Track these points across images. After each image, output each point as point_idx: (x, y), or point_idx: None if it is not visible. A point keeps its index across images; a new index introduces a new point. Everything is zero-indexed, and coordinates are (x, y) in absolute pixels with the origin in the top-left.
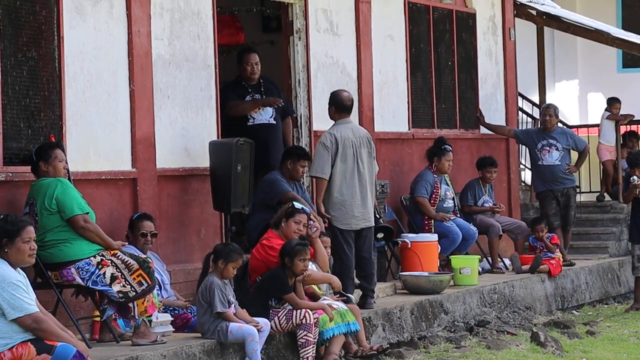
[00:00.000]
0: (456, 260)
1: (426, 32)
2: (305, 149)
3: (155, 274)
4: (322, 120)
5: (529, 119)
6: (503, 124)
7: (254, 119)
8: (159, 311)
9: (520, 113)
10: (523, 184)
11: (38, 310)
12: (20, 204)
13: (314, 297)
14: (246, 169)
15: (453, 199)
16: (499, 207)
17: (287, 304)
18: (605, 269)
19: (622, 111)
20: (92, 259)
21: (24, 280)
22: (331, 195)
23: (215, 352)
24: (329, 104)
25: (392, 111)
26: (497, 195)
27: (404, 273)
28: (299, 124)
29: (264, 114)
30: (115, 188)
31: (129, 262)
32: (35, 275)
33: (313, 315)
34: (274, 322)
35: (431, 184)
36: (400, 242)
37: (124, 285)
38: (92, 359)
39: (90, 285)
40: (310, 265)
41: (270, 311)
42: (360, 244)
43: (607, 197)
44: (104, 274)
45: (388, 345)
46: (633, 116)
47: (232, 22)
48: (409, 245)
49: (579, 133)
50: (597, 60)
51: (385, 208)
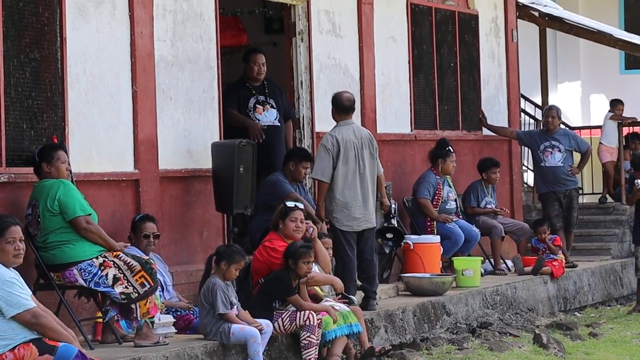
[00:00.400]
0: (458, 262)
1: (428, 34)
2: (307, 151)
3: (158, 276)
4: (325, 122)
5: (532, 121)
6: (505, 125)
7: (259, 120)
8: (161, 312)
9: (522, 114)
10: (525, 186)
11: (35, 305)
12: (22, 205)
13: (316, 299)
14: (248, 171)
15: (455, 201)
16: (501, 210)
17: (291, 306)
18: (607, 270)
19: (625, 113)
20: (95, 260)
21: (18, 277)
22: (333, 197)
23: (217, 354)
24: (331, 105)
25: (395, 112)
26: (500, 196)
27: (406, 274)
28: (301, 125)
29: (269, 116)
30: (117, 189)
31: (131, 264)
32: (38, 277)
33: (316, 316)
34: (277, 324)
35: (434, 185)
36: (402, 244)
37: (126, 287)
38: None
39: (92, 287)
40: (313, 268)
41: (274, 313)
42: (362, 246)
43: (609, 199)
44: (107, 275)
45: (390, 347)
46: (636, 118)
47: (235, 24)
48: (412, 247)
49: (582, 134)
50: (600, 62)
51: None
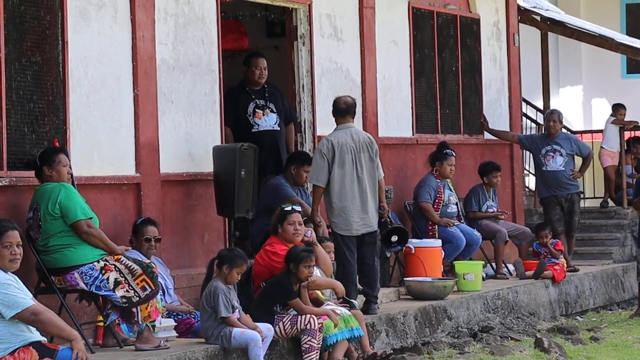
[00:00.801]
0: (460, 266)
1: (430, 38)
2: (309, 154)
3: (159, 279)
4: (326, 125)
5: (533, 125)
6: (507, 129)
7: (258, 125)
8: (162, 316)
9: (524, 118)
10: (527, 190)
11: (34, 303)
12: (23, 209)
13: (317, 303)
14: (250, 174)
15: (456, 204)
16: (502, 214)
17: (292, 310)
18: (609, 274)
19: (626, 117)
20: (96, 264)
21: (13, 279)
22: (331, 202)
23: (218, 358)
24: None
25: (396, 116)
26: (501, 200)
27: (407, 278)
28: (302, 129)
29: (268, 121)
30: (119, 193)
31: (132, 267)
32: (39, 280)
33: (317, 320)
34: (279, 328)
35: (434, 189)
36: (404, 248)
37: (127, 290)
38: None
39: (93, 290)
40: (314, 271)
41: (275, 317)
42: (363, 250)
43: (611, 203)
44: (108, 279)
45: (392, 351)
46: (637, 122)
47: (236, 27)
48: (413, 251)
49: (583, 139)
50: (601, 66)
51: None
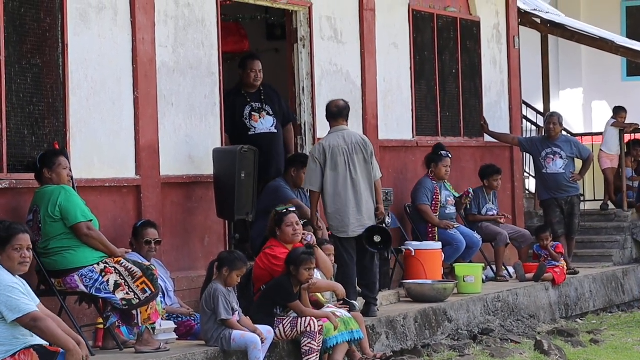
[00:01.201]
0: (460, 269)
1: (430, 40)
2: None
3: (159, 282)
4: (326, 128)
5: (533, 127)
6: (507, 132)
7: (255, 128)
8: (162, 319)
9: (524, 121)
10: (527, 192)
11: (37, 309)
12: (23, 211)
13: (317, 305)
14: (250, 177)
15: (455, 205)
16: (502, 217)
17: (292, 312)
18: (609, 277)
19: (627, 119)
20: (96, 266)
21: (21, 283)
22: (326, 205)
23: None
24: None
25: (396, 119)
26: (501, 203)
27: (407, 281)
28: (302, 131)
29: (265, 124)
30: (119, 195)
31: (132, 270)
32: (39, 283)
33: (317, 323)
34: (279, 330)
35: (431, 190)
36: (404, 250)
37: (127, 293)
38: None
39: (93, 293)
40: (315, 274)
41: (275, 319)
42: (362, 253)
43: (611, 206)
44: (108, 281)
45: (392, 354)
46: (638, 125)
47: (237, 30)
48: (413, 253)
49: (583, 141)
50: (602, 69)
51: (390, 215)
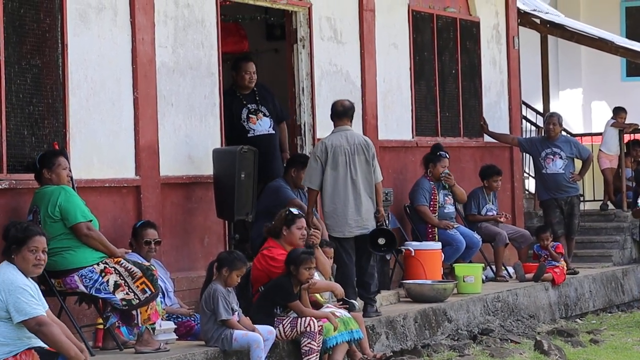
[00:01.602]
0: (460, 269)
1: (430, 41)
2: (309, 157)
3: (159, 282)
4: (326, 128)
5: (533, 128)
6: (507, 132)
7: (254, 130)
8: (162, 319)
9: (524, 121)
10: (527, 193)
11: (43, 314)
12: (23, 212)
13: (316, 305)
14: (250, 177)
15: (454, 204)
16: (502, 217)
17: (292, 312)
18: (609, 277)
19: (626, 120)
20: (96, 266)
21: (32, 286)
22: (324, 204)
23: None
24: None
25: (396, 119)
26: (501, 203)
27: (407, 281)
28: (302, 132)
29: (263, 125)
30: (118, 196)
31: (132, 270)
32: (39, 283)
33: (317, 323)
34: (279, 330)
35: (428, 191)
36: (403, 250)
37: (127, 293)
38: None
39: (93, 293)
40: (314, 275)
41: (275, 319)
42: (360, 253)
43: (611, 206)
44: (108, 281)
45: (391, 354)
46: (637, 125)
47: (236, 30)
48: (413, 254)
49: (583, 141)
50: (601, 69)
51: (389, 216)
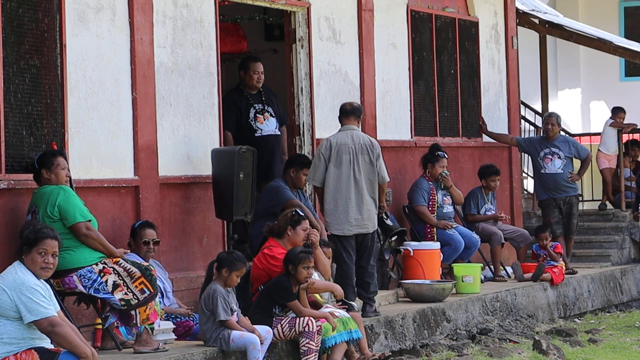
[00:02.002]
0: (458, 269)
1: (429, 41)
2: (308, 157)
3: (158, 282)
4: (325, 128)
5: (532, 128)
6: (505, 132)
7: (261, 130)
8: (161, 319)
9: (522, 121)
10: (525, 192)
11: (55, 314)
12: (22, 212)
13: (316, 306)
14: (248, 177)
15: (452, 205)
16: (501, 216)
17: (290, 312)
18: (607, 277)
19: (625, 120)
20: (94, 266)
21: (43, 286)
22: (325, 201)
23: None
24: None
25: (395, 119)
26: (500, 203)
27: (406, 281)
28: (301, 132)
29: (270, 125)
30: (117, 196)
31: (131, 270)
32: None
33: (316, 323)
34: (277, 330)
35: (427, 191)
36: (402, 250)
37: (126, 293)
38: None
39: (92, 293)
40: (313, 274)
41: (274, 319)
42: (359, 253)
43: (609, 206)
44: (106, 281)
45: (390, 353)
46: (636, 125)
47: (235, 30)
48: (412, 253)
49: (582, 141)
50: (600, 69)
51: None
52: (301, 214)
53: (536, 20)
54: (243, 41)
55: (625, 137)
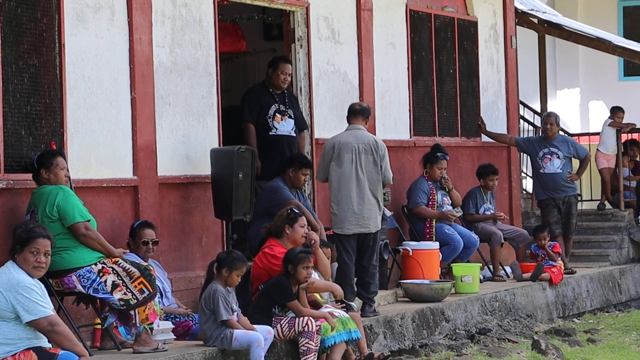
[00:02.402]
0: (457, 268)
1: (428, 40)
2: (307, 157)
3: (157, 282)
4: (324, 128)
5: (531, 127)
6: (504, 132)
7: (276, 129)
8: (160, 319)
9: (521, 121)
10: (524, 192)
11: (53, 313)
12: (21, 212)
13: (315, 305)
14: (247, 177)
15: (452, 205)
16: (501, 216)
17: (290, 312)
18: (606, 277)
19: (624, 119)
20: (94, 266)
21: (38, 285)
22: (328, 198)
23: None
24: None
25: (394, 119)
26: (499, 203)
27: (405, 281)
28: None
29: (286, 126)
30: (116, 196)
31: (130, 270)
32: None
33: (315, 323)
34: (277, 330)
35: (426, 191)
36: (401, 250)
37: (125, 293)
38: None
39: (91, 293)
40: (312, 274)
41: (273, 319)
42: (360, 253)
43: (608, 205)
44: (105, 281)
45: (389, 353)
46: (635, 125)
47: (234, 30)
48: (411, 253)
49: (580, 141)
50: (599, 69)
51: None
52: (297, 211)
53: (535, 20)
54: (242, 41)
55: (624, 137)
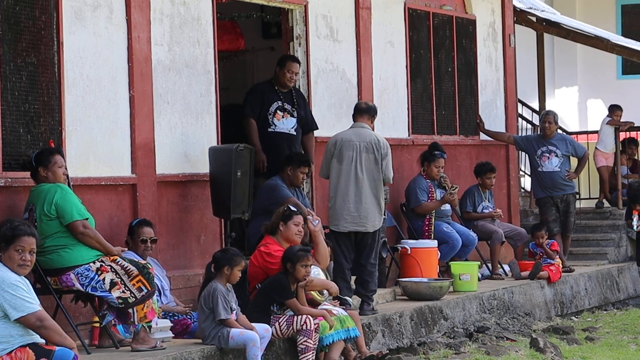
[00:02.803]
0: (456, 267)
1: (426, 39)
2: (305, 156)
3: (155, 280)
4: (322, 126)
5: (529, 126)
6: (503, 130)
7: (275, 126)
8: (158, 317)
9: (520, 119)
10: (522, 191)
11: (41, 309)
12: (19, 210)
13: (313, 303)
14: (246, 175)
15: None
16: (497, 212)
17: (288, 310)
18: (604, 275)
19: (622, 118)
20: (92, 264)
21: (24, 282)
22: (328, 195)
23: (214, 358)
24: None
25: (392, 117)
26: (497, 201)
27: (403, 279)
28: None
29: (286, 124)
30: (114, 194)
31: (128, 268)
32: (35, 281)
33: (313, 321)
34: (275, 328)
35: (425, 190)
36: (400, 248)
37: (123, 291)
38: None
39: (89, 291)
40: (312, 270)
41: (271, 317)
42: (359, 251)
43: (606, 204)
44: (104, 279)
45: (387, 351)
46: (633, 123)
47: (232, 28)
48: (409, 252)
49: (579, 139)
50: (597, 67)
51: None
52: (293, 209)
53: (533, 18)
54: (240, 39)
55: (622, 135)
